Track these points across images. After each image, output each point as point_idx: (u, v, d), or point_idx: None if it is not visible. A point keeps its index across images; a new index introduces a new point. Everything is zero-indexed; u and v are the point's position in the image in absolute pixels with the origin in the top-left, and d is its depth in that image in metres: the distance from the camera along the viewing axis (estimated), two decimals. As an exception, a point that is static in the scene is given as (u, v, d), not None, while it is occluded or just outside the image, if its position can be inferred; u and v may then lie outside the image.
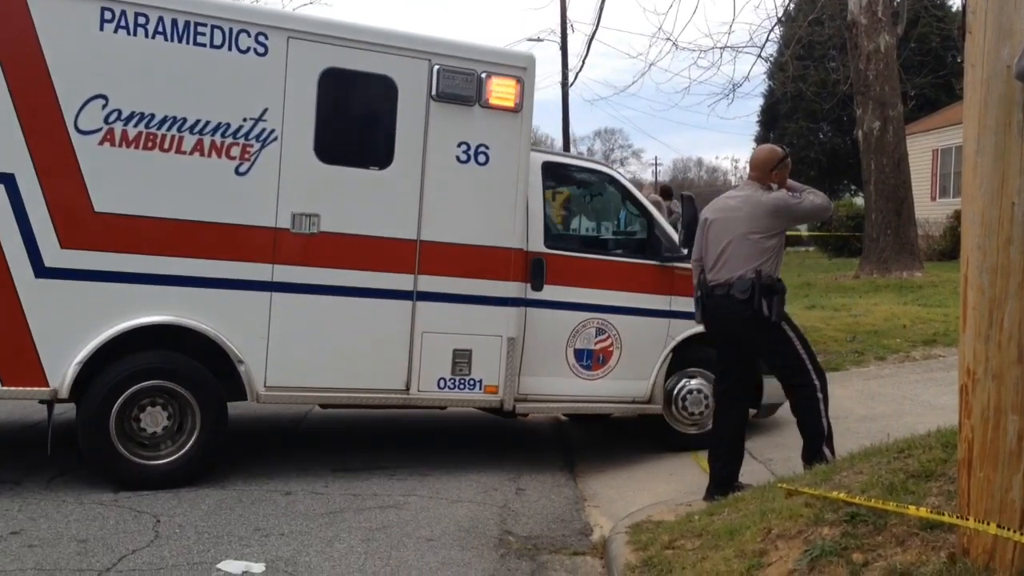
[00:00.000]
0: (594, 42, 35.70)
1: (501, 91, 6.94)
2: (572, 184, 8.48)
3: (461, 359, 6.90)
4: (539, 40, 32.45)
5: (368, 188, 6.62)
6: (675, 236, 7.90)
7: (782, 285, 5.96)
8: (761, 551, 4.17)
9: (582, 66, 40.94)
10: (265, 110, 6.28)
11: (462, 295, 6.89)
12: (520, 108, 7.03)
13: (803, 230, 31.69)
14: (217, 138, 6.18)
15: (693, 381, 7.91)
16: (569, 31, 31.58)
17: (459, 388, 6.92)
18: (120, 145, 5.97)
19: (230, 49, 6.19)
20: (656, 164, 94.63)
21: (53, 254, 5.84)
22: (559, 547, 5.43)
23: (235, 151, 6.22)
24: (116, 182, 5.98)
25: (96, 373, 5.98)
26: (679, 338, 7.75)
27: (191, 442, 6.18)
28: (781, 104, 31.25)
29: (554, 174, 7.80)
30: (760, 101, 34.62)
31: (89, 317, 5.93)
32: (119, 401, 5.99)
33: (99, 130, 5.93)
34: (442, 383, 6.87)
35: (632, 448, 7.97)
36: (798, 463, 6.08)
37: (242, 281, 6.27)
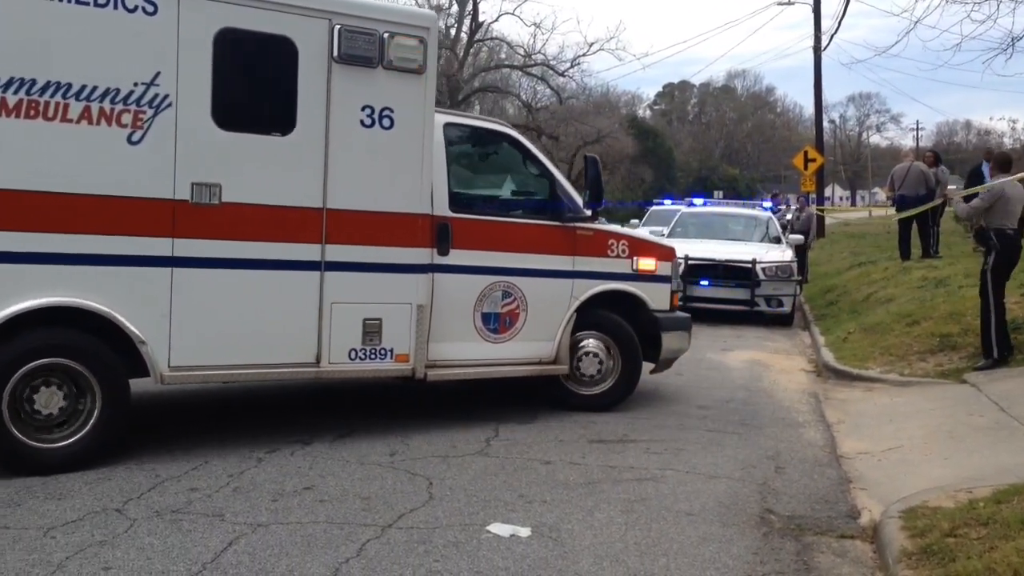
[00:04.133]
0: (851, 0, 33.59)
1: (404, 52, 6.67)
2: (474, 145, 8.14)
3: (371, 329, 6.71)
4: (790, 3, 31.08)
5: (270, 155, 6.34)
6: (577, 197, 7.85)
7: None
8: (1061, 544, 3.83)
9: (838, 27, 38.80)
10: (157, 74, 5.87)
11: (371, 263, 6.69)
12: (424, 69, 6.77)
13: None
14: (106, 105, 5.73)
15: (590, 342, 7.96)
16: (822, -9, 29.87)
17: (370, 358, 6.74)
18: None
19: (116, 8, 5.73)
20: (917, 128, 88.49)
21: None
22: (825, 529, 5.25)
23: (126, 118, 5.79)
24: None
25: None
26: (583, 298, 7.78)
27: (92, 422, 5.79)
28: (1067, 56, 28.09)
29: (456, 135, 7.55)
30: (1042, 54, 31.28)
31: None
32: (10, 383, 5.55)
33: None
34: (353, 354, 6.67)
35: (900, 429, 7.54)
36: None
37: (140, 257, 5.89)
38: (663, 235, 17.22)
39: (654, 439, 7.15)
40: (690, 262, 14.80)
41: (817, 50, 29.73)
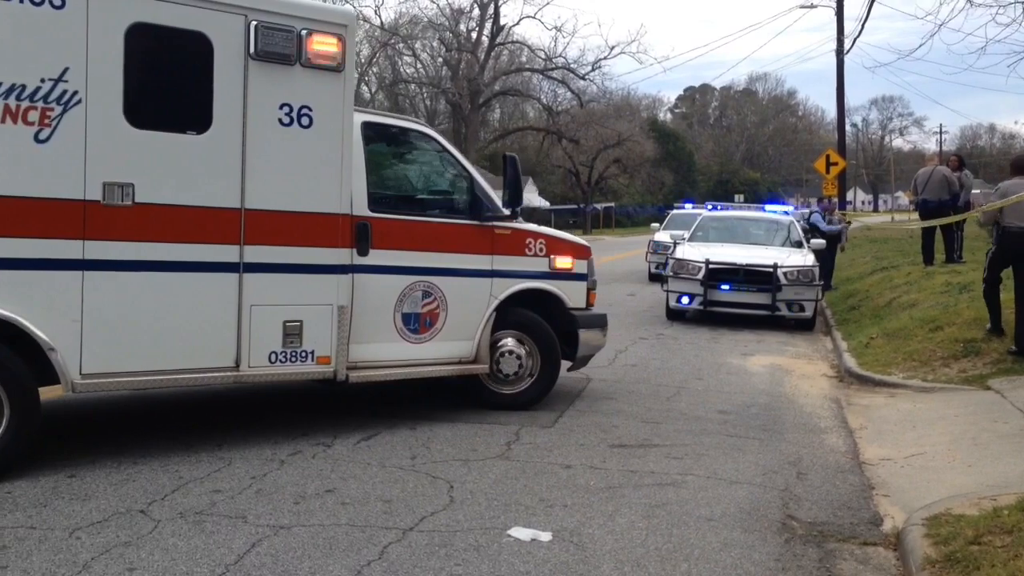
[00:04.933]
0: (875, 3, 33.32)
1: (323, 49, 6.58)
2: (392, 144, 8.07)
3: (292, 331, 6.60)
4: (812, 7, 30.92)
5: (186, 154, 6.15)
6: (496, 197, 7.89)
7: None
8: (1088, 553, 3.80)
9: (861, 30, 38.57)
10: (66, 69, 5.64)
11: (290, 264, 6.58)
12: (343, 67, 6.71)
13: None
14: (11, 101, 5.49)
15: (510, 341, 8.02)
16: (845, -6, 29.61)
17: (292, 361, 6.63)
18: None
19: (22, 1, 5.52)
20: (941, 132, 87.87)
21: None
22: (847, 536, 5.22)
23: (33, 116, 5.55)
24: None
25: None
26: (501, 297, 7.83)
27: (0, 432, 5.53)
28: (1094, 59, 27.76)
29: (374, 134, 7.50)
30: (1067, 57, 30.90)
31: None
32: None
33: None
34: (273, 357, 6.54)
35: (923, 436, 7.49)
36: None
37: (49, 260, 5.64)
38: (684, 239, 17.24)
39: (675, 444, 7.13)
40: (711, 266, 14.76)
41: (840, 53, 29.57)
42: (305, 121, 6.60)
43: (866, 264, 22.07)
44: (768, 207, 20.65)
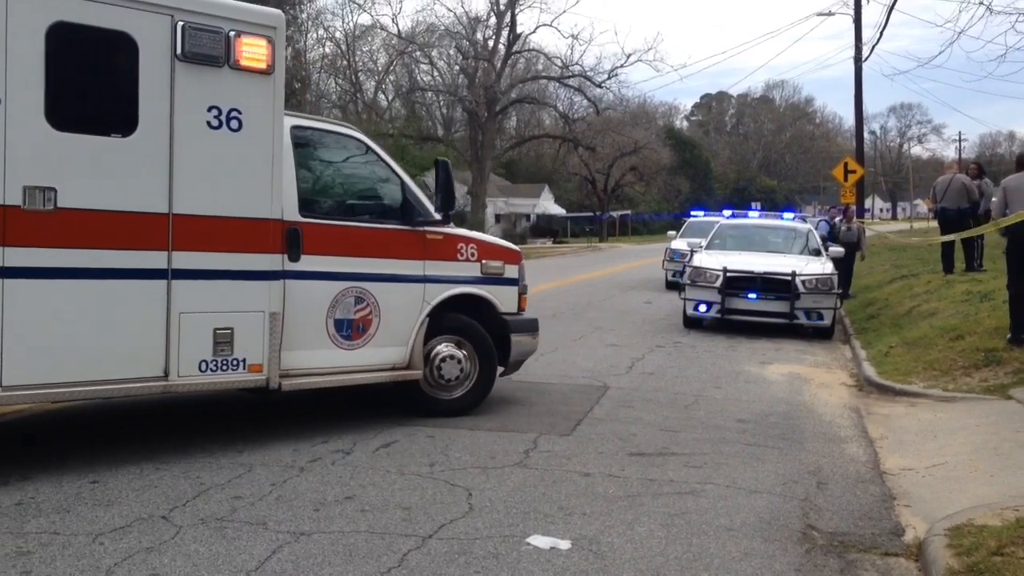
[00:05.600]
0: (894, 11, 33.08)
1: (251, 51, 6.50)
2: (323, 148, 7.93)
3: (223, 339, 6.48)
4: (830, 14, 30.84)
5: (111, 157, 5.98)
6: (428, 202, 7.87)
7: None
8: (1113, 566, 3.76)
9: (879, 38, 38.54)
10: None
11: (220, 271, 6.46)
12: (272, 70, 6.63)
13: None
14: None
15: (447, 347, 7.98)
16: (864, 1, 29.46)
17: (222, 369, 6.50)
18: None
19: None
20: (960, 140, 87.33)
21: None
22: (868, 546, 5.19)
23: None
24: None
25: None
26: (434, 302, 7.85)
27: None
28: (1115, 66, 27.59)
29: (304, 138, 7.43)
30: (1088, 64, 30.69)
31: None
32: None
33: None
34: (204, 366, 6.41)
35: (944, 446, 7.44)
36: None
37: None
38: (701, 247, 17.19)
39: (694, 452, 7.11)
40: (728, 274, 14.71)
41: (858, 60, 29.41)
42: (234, 124, 6.51)
43: (885, 272, 21.95)
44: (750, 213, 20.72)
